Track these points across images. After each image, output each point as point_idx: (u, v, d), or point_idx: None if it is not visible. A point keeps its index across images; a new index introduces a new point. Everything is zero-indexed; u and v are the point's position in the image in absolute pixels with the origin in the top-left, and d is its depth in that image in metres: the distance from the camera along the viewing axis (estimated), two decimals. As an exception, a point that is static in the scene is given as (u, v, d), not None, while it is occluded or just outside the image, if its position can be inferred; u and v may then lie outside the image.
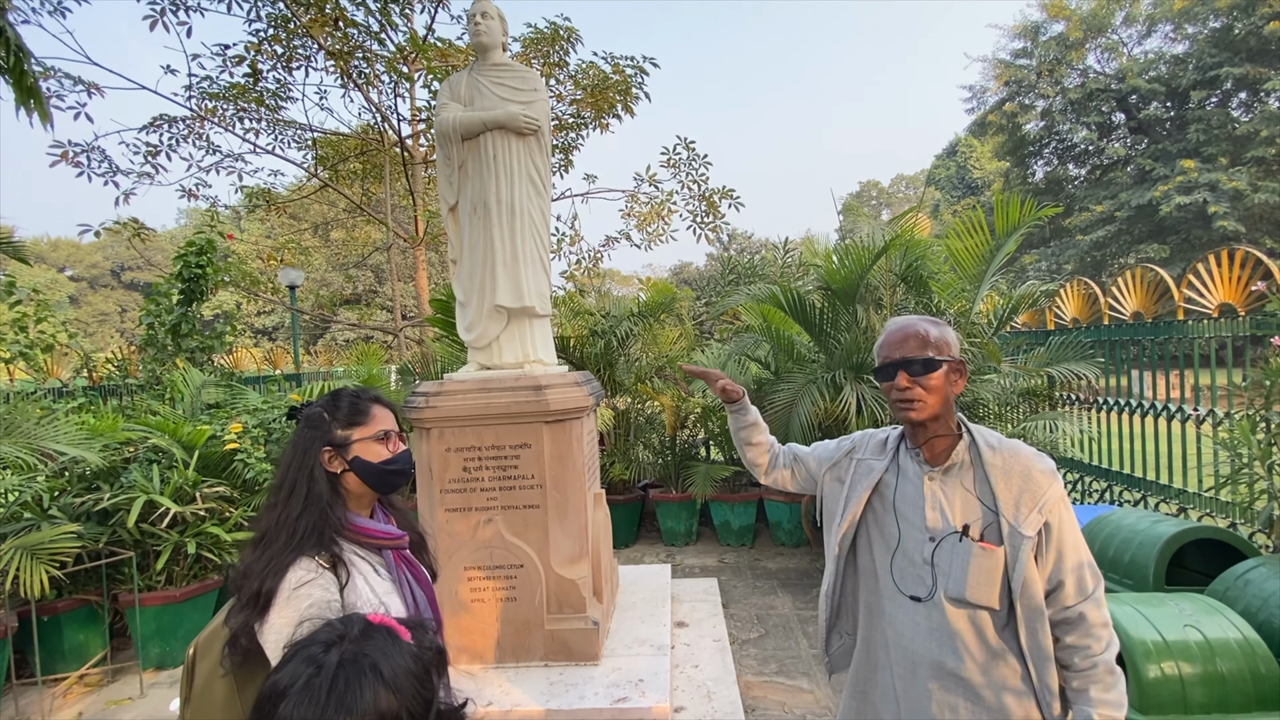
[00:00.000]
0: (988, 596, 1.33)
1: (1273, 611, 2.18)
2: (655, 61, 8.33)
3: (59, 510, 3.79)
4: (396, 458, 1.44)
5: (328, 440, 1.39)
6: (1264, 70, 20.23)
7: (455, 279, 3.70)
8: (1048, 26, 24.69)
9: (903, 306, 4.99)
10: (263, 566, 1.27)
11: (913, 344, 1.41)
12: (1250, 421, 3.08)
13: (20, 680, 3.61)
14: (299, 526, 1.30)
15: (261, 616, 1.23)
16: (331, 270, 23.34)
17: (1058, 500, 1.34)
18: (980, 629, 1.36)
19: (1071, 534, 1.35)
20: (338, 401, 1.45)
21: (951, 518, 1.38)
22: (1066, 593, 1.32)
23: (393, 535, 1.44)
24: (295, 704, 0.78)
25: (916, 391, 1.39)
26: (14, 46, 2.43)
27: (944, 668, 1.38)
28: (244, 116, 8.37)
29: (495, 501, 3.33)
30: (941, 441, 1.43)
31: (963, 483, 1.40)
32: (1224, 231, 19.84)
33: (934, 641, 1.39)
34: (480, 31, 3.57)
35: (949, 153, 36.91)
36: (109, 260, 40.04)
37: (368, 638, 0.86)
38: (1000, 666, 1.35)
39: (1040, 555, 1.33)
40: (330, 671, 0.80)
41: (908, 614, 1.43)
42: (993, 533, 1.35)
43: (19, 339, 5.23)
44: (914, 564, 1.42)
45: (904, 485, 1.48)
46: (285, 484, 1.35)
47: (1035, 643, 1.32)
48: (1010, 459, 1.38)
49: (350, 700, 0.78)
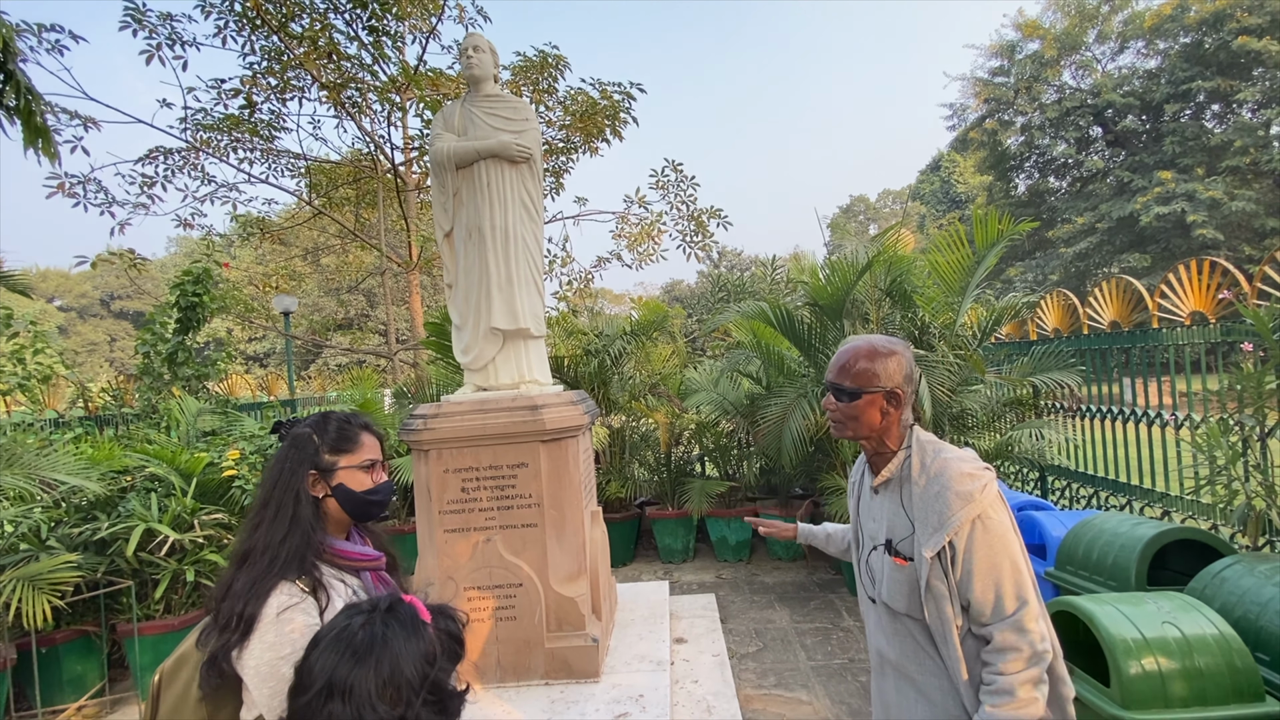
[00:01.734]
0: (907, 606, 1.44)
1: (1248, 607, 2.26)
2: (642, 87, 8.54)
3: (57, 541, 3.80)
4: (379, 488, 1.44)
5: (314, 464, 1.38)
6: (1234, 83, 20.85)
7: (451, 302, 3.78)
8: (1023, 45, 25.41)
9: (888, 321, 5.11)
10: (244, 589, 1.25)
11: (837, 371, 1.52)
12: (1223, 425, 3.19)
13: (19, 712, 3.59)
14: (282, 550, 1.29)
15: (243, 641, 1.22)
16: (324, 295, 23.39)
17: (967, 522, 1.35)
18: (913, 633, 1.47)
19: (985, 556, 1.34)
20: (326, 425, 1.43)
21: (881, 530, 1.51)
22: (976, 611, 1.36)
23: (370, 557, 1.44)
24: (322, 652, 1.00)
25: (838, 414, 1.51)
26: (24, 89, 2.53)
27: (897, 665, 1.51)
28: (238, 147, 8.50)
29: (494, 521, 3.38)
30: (880, 460, 1.53)
31: (896, 497, 1.50)
32: (1203, 240, 20.26)
33: (886, 640, 1.53)
34: (473, 64, 3.69)
35: (933, 168, 37.58)
36: (98, 290, 39.91)
37: (392, 612, 1.03)
38: (933, 669, 1.45)
39: (949, 573, 1.38)
40: (354, 631, 1.01)
41: (871, 614, 1.59)
42: (907, 547, 1.45)
43: (16, 371, 5.25)
44: (866, 568, 1.58)
45: (864, 495, 1.63)
46: (270, 504, 1.34)
47: (950, 654, 1.40)
48: (933, 480, 1.41)
49: (361, 654, 0.98)
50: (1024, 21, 25.23)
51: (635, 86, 8.54)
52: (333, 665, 0.97)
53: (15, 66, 2.50)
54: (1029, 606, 1.34)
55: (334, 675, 0.96)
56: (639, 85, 8.54)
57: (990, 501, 1.37)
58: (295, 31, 7.50)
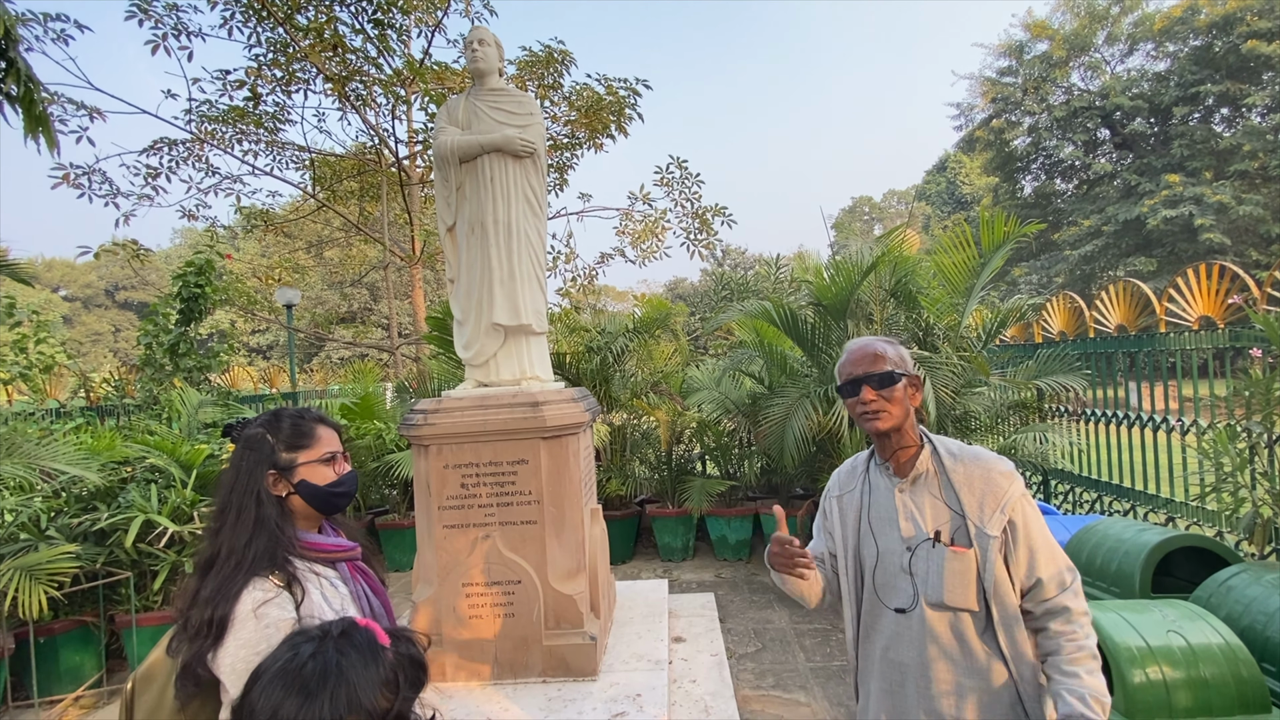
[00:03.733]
0: (964, 599, 1.39)
1: (1254, 617, 2.24)
2: (648, 83, 8.49)
3: (56, 531, 3.80)
4: (343, 479, 1.42)
5: (272, 463, 1.35)
6: (1244, 86, 20.72)
7: (453, 297, 3.77)
8: (1032, 45, 25.25)
9: (892, 321, 5.08)
10: (212, 593, 1.22)
11: (872, 361, 1.52)
12: (1230, 431, 3.15)
13: (16, 703, 3.60)
14: (248, 553, 1.26)
15: (216, 644, 1.19)
16: (326, 288, 23.41)
17: (1019, 498, 1.41)
18: (962, 633, 1.41)
19: (1039, 529, 1.41)
20: (279, 422, 1.40)
21: (924, 525, 1.46)
22: (1046, 587, 1.38)
23: (344, 547, 1.43)
24: (266, 685, 0.86)
25: (880, 403, 1.49)
26: (24, 77, 2.51)
27: (930, 675, 1.42)
28: (243, 139, 8.49)
29: (493, 517, 3.36)
30: (906, 453, 1.52)
31: (930, 491, 1.48)
32: (1210, 244, 20.14)
33: (919, 650, 1.44)
34: (478, 58, 3.67)
35: (939, 168, 37.46)
36: (103, 280, 40.01)
37: (347, 638, 0.92)
38: (985, 669, 1.40)
39: (1010, 554, 1.39)
40: (302, 661, 0.87)
41: (893, 627, 1.48)
42: (962, 536, 1.42)
43: (18, 360, 5.25)
44: (893, 575, 1.48)
45: (875, 501, 1.55)
46: (230, 508, 1.31)
47: (1014, 645, 1.38)
48: (971, 464, 1.46)
49: (312, 688, 0.84)
50: (1033, 22, 25.08)
51: (641, 83, 8.50)
52: (278, 702, 0.84)
53: (17, 54, 2.49)
54: (1077, 574, 1.42)
55: (280, 712, 0.83)
56: (644, 81, 8.50)
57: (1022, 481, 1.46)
58: (301, 23, 7.48)
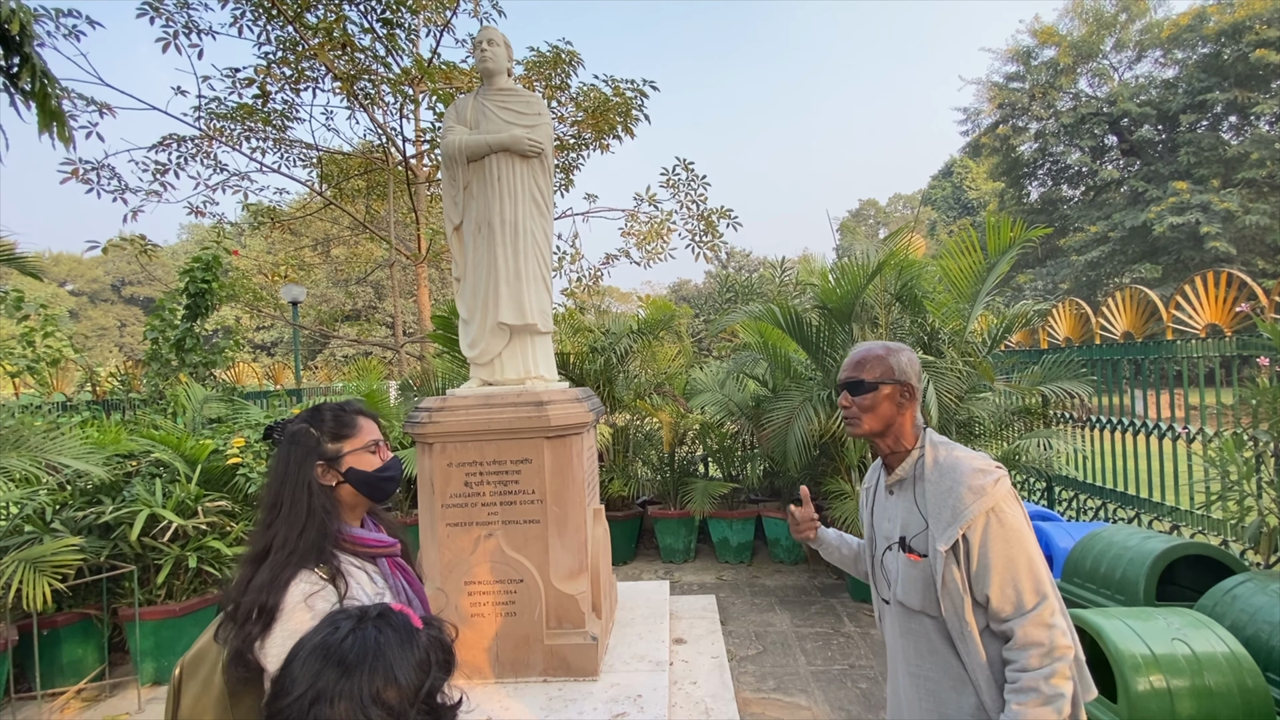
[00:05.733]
0: (922, 603, 1.44)
1: (1260, 626, 2.22)
2: (655, 84, 8.51)
3: (61, 524, 3.81)
4: (388, 465, 1.46)
5: (319, 455, 1.39)
6: (1252, 94, 20.64)
7: (459, 296, 3.77)
8: (1039, 51, 25.20)
9: (898, 325, 5.07)
10: (264, 582, 1.26)
11: (854, 367, 1.55)
12: (1237, 440, 3.14)
13: (19, 694, 3.61)
14: (300, 543, 1.30)
15: (265, 632, 1.22)
16: (332, 286, 23.48)
17: (980, 516, 1.35)
18: (928, 632, 1.46)
19: (1001, 550, 1.33)
20: (321, 416, 1.44)
21: (896, 528, 1.51)
22: (996, 607, 1.34)
23: (386, 543, 1.46)
24: (306, 658, 0.90)
25: (852, 410, 1.53)
26: (39, 73, 2.53)
27: (911, 665, 1.50)
28: (251, 136, 8.53)
29: (496, 516, 3.37)
30: (895, 458, 1.54)
31: (908, 496, 1.50)
32: (1216, 252, 20.07)
33: (901, 640, 1.52)
34: (486, 58, 3.68)
35: (945, 173, 37.38)
36: (110, 275, 40.19)
37: (384, 618, 0.96)
38: (949, 669, 1.43)
39: (965, 568, 1.37)
40: (341, 636, 0.91)
41: (887, 615, 1.58)
42: (921, 544, 1.44)
43: (26, 353, 5.28)
44: (879, 568, 1.59)
45: (878, 497, 1.62)
46: (281, 502, 1.34)
47: (970, 655, 1.38)
48: (945, 475, 1.42)
49: (351, 662, 0.88)
50: (1040, 28, 25.04)
51: (648, 84, 8.52)
52: (316, 672, 0.88)
53: (32, 50, 2.51)
54: (1048, 601, 1.33)
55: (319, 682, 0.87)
56: (651, 83, 8.52)
57: (1003, 496, 1.38)
58: (310, 22, 7.51)
